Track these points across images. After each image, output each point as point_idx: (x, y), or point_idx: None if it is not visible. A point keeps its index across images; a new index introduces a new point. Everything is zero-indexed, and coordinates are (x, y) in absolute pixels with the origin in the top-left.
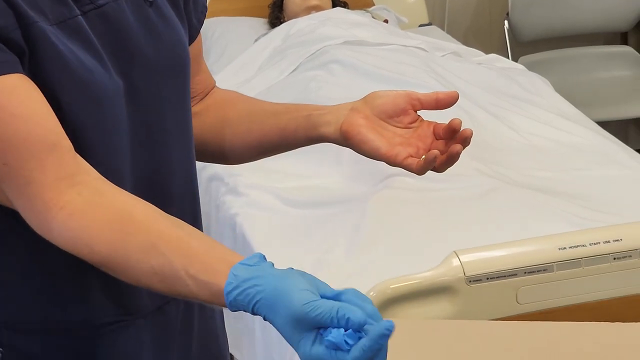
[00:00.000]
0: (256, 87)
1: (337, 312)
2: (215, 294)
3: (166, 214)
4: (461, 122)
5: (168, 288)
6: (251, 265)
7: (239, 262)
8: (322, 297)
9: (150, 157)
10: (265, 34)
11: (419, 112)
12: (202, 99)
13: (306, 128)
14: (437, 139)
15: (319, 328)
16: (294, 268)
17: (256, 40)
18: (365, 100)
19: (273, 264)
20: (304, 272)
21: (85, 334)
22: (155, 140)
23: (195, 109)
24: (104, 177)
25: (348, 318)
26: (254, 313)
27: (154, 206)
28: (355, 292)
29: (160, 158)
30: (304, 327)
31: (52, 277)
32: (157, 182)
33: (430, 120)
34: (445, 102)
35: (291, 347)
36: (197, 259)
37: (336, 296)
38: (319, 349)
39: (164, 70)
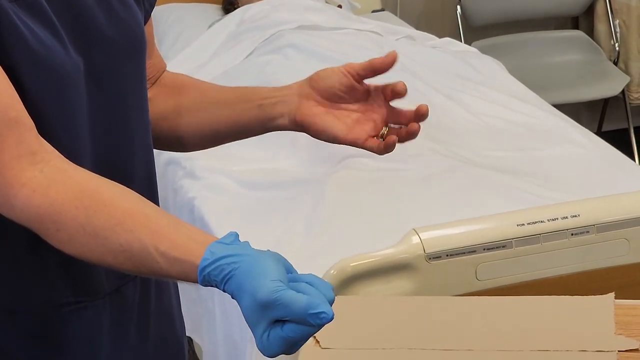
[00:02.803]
0: (211, 72)
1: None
2: (186, 271)
3: (131, 190)
4: (428, 108)
5: (135, 265)
6: (227, 244)
7: (216, 241)
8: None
9: (109, 138)
10: (219, 19)
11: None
12: (153, 84)
13: (261, 120)
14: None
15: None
16: (271, 250)
17: (210, 26)
18: (311, 84)
19: (249, 243)
20: (279, 254)
21: (44, 315)
22: (115, 121)
23: (148, 94)
24: (64, 157)
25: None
26: (224, 290)
27: (118, 184)
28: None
29: (120, 140)
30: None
31: (9, 258)
32: (116, 163)
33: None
34: (382, 67)
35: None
36: (166, 236)
37: (299, 279)
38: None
39: (123, 51)
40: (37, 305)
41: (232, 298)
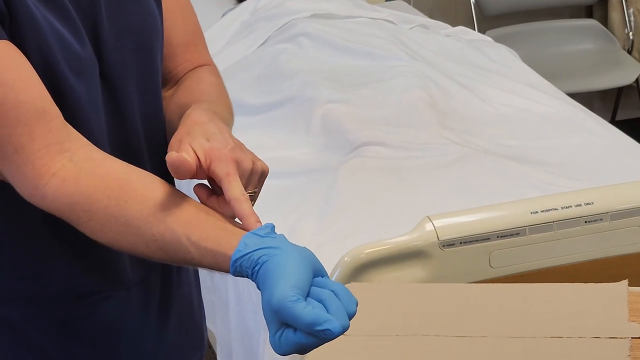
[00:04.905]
0: (224, 61)
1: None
2: (219, 262)
3: (161, 179)
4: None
5: (168, 255)
6: (262, 236)
7: (250, 232)
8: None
9: (121, 130)
10: (233, 8)
11: None
12: (175, 84)
13: None
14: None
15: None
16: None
17: (223, 15)
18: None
19: (284, 236)
20: (312, 254)
21: (67, 304)
22: (125, 113)
23: (165, 94)
24: (92, 144)
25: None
26: (253, 279)
27: (148, 172)
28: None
29: (131, 132)
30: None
31: (33, 246)
32: (129, 155)
33: None
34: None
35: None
36: (198, 226)
37: (326, 286)
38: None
39: (131, 43)
40: (60, 293)
41: (258, 289)
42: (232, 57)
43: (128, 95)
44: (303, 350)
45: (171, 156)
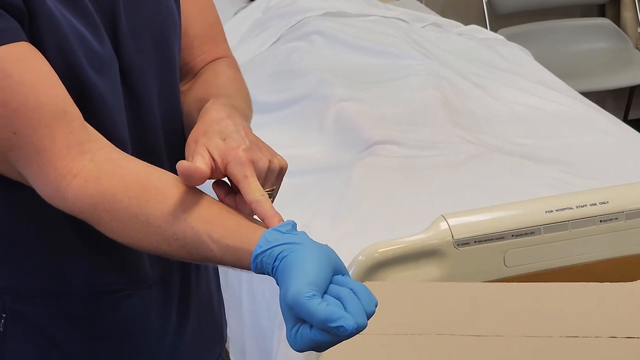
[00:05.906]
0: (237, 59)
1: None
2: (240, 258)
3: (180, 179)
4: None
5: (189, 253)
6: (283, 233)
7: (272, 228)
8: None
9: (140, 128)
10: (245, 6)
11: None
12: (193, 77)
13: None
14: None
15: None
16: (329, 245)
17: (236, 13)
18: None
19: (305, 233)
20: (333, 252)
21: (88, 302)
22: (144, 110)
23: (183, 87)
24: (112, 145)
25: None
26: (273, 275)
27: (168, 172)
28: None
29: (149, 130)
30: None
31: (53, 245)
32: (147, 153)
33: None
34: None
35: (279, 316)
36: (219, 223)
37: (346, 284)
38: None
39: (148, 40)
40: (79, 291)
41: (277, 284)
42: (245, 55)
43: (147, 91)
44: (319, 347)
45: (182, 165)
